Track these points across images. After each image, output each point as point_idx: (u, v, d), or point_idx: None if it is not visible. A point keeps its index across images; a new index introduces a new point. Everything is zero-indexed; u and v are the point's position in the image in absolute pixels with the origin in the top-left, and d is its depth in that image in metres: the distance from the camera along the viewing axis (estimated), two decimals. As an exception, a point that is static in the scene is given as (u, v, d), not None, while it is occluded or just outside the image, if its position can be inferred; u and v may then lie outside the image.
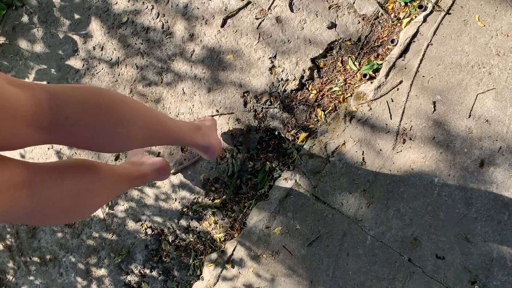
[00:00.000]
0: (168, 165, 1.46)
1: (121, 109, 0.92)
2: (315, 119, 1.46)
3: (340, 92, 1.43)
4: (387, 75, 1.35)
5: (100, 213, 1.77)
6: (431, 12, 1.30)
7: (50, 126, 0.81)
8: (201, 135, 1.33)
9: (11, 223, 0.86)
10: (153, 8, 1.66)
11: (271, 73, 1.50)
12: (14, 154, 1.91)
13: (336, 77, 1.44)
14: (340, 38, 1.43)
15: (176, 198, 1.64)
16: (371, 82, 1.37)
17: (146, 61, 1.67)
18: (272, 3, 1.50)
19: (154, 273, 1.70)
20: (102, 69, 1.74)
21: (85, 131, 0.86)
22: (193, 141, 1.28)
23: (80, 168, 0.95)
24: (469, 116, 1.24)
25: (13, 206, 0.76)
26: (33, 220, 0.90)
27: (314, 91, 1.46)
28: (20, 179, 0.77)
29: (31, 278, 1.93)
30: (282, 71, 1.49)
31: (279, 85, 1.49)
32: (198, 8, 1.59)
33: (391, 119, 1.33)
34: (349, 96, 1.41)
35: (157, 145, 1.17)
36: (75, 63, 1.79)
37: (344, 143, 1.39)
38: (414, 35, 1.32)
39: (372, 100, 1.36)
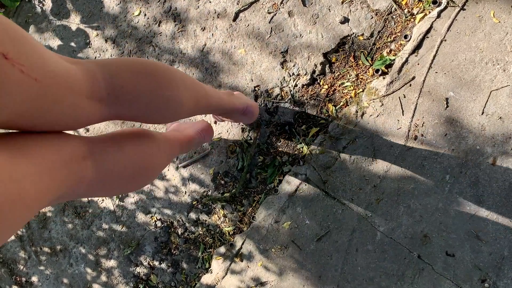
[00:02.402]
0: (210, 125, 1.47)
1: (168, 74, 0.95)
2: (326, 114, 1.45)
3: (352, 88, 1.42)
4: (399, 70, 1.34)
5: (110, 204, 1.78)
6: (446, 7, 1.29)
7: (108, 97, 0.82)
8: (237, 99, 1.35)
9: (78, 197, 0.86)
10: (165, 1, 1.66)
11: (283, 68, 1.50)
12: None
13: (348, 72, 1.43)
14: (353, 33, 1.42)
15: (185, 191, 1.65)
16: (384, 78, 1.36)
17: (158, 54, 1.68)
18: (285, -3, 1.49)
19: (163, 265, 1.71)
20: (114, 61, 1.75)
21: (141, 98, 0.88)
22: (232, 105, 1.30)
23: (136, 134, 0.97)
24: (482, 113, 1.23)
25: (81, 179, 0.76)
26: (101, 191, 0.89)
27: (326, 86, 1.46)
28: (81, 152, 0.77)
29: (42, 268, 1.96)
30: (294, 66, 1.48)
31: (290, 79, 1.49)
32: (210, 2, 1.59)
33: (403, 115, 1.32)
34: (361, 92, 1.41)
35: (203, 113, 1.19)
36: (87, 55, 1.80)
37: (355, 139, 1.38)
38: (428, 31, 1.31)
39: (384, 96, 1.35)
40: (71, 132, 1.11)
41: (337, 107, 1.43)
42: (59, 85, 0.68)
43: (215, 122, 1.60)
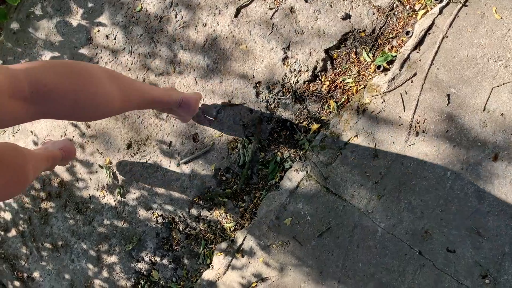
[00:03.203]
0: (72, 145, 1.67)
1: (91, 71, 0.99)
2: (327, 111, 1.45)
3: (354, 84, 1.42)
4: (401, 67, 1.34)
5: (111, 200, 1.79)
6: (447, 4, 1.29)
7: (32, 95, 0.86)
8: (177, 92, 1.40)
9: None
10: (166, -3, 1.66)
11: (284, 64, 1.50)
12: (27, 143, 1.94)
13: (350, 68, 1.43)
14: (354, 29, 1.42)
15: (187, 187, 1.65)
16: (385, 74, 1.36)
17: (159, 50, 1.68)
18: (286, -7, 1.49)
19: (165, 261, 1.71)
20: (115, 57, 1.75)
21: (67, 96, 0.91)
22: (168, 97, 1.32)
23: (13, 147, 1.08)
24: (484, 109, 1.23)
25: None
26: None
27: (327, 83, 1.46)
28: None
29: (43, 263, 1.96)
30: (295, 62, 1.48)
31: (291, 76, 1.49)
32: (211, -2, 1.59)
33: (404, 111, 1.32)
34: (362, 88, 1.41)
35: (140, 108, 1.24)
36: (88, 51, 1.80)
37: (356, 135, 1.38)
38: (430, 27, 1.31)
39: (385, 92, 1.35)
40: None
41: (338, 104, 1.43)
42: None
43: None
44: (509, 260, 1.19)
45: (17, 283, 2.04)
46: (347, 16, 1.42)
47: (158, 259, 1.73)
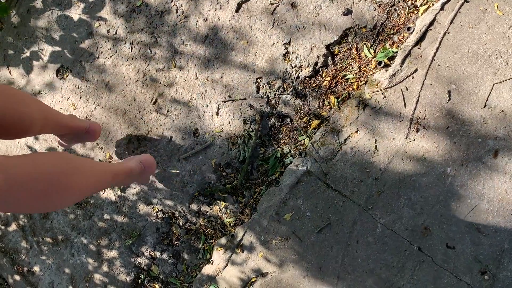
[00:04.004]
0: (152, 158, 1.53)
1: (19, 93, 1.08)
2: (328, 106, 1.45)
3: (354, 80, 1.42)
4: (402, 63, 1.33)
5: (111, 195, 1.79)
6: (449, -1, 1.29)
7: None
8: (81, 120, 1.52)
9: None
10: (167, -8, 1.66)
11: (285, 59, 1.50)
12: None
13: (351, 64, 1.43)
14: (356, 25, 1.42)
15: (187, 182, 1.65)
16: (386, 70, 1.36)
17: (160, 45, 1.67)
18: (288, -12, 1.48)
19: (164, 256, 1.72)
20: (116, 52, 1.74)
21: None
22: (76, 124, 1.46)
23: (57, 156, 1.01)
24: (485, 106, 1.22)
25: None
26: (12, 204, 0.89)
27: (328, 78, 1.45)
28: None
29: (43, 257, 1.97)
30: (296, 57, 1.48)
31: (292, 71, 1.49)
32: (212, -7, 1.59)
33: (405, 107, 1.32)
34: (363, 84, 1.40)
35: (52, 131, 1.35)
36: (89, 46, 1.79)
37: (357, 131, 1.38)
38: (431, 23, 1.31)
39: (386, 88, 1.35)
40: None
41: (339, 99, 1.43)
42: None
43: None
44: (508, 257, 1.19)
45: (17, 277, 2.04)
46: (348, 12, 1.42)
47: (158, 254, 1.73)
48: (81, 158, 1.10)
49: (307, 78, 1.47)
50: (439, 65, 1.28)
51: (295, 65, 1.48)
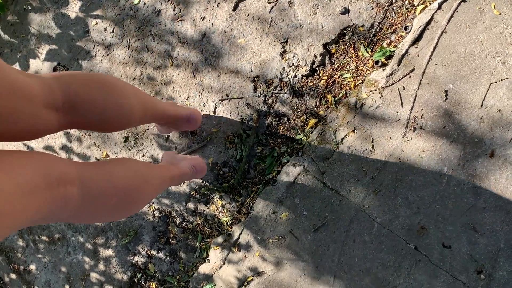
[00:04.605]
0: (203, 162, 1.50)
1: (118, 83, 1.02)
2: (325, 106, 1.45)
3: (351, 79, 1.42)
4: (399, 62, 1.33)
5: (108, 194, 1.78)
6: (446, -1, 1.29)
7: (64, 105, 0.87)
8: (181, 108, 1.43)
9: (61, 221, 0.86)
10: (165, -10, 1.65)
11: (282, 58, 1.49)
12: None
13: (348, 63, 1.43)
14: (353, 24, 1.42)
15: (184, 181, 1.65)
16: (383, 69, 1.36)
17: (157, 43, 1.67)
18: (285, -13, 1.48)
19: (161, 255, 1.72)
20: (113, 50, 1.74)
21: (95, 104, 0.93)
22: (177, 113, 1.37)
23: (127, 165, 0.98)
24: (481, 105, 1.23)
25: (65, 205, 0.77)
26: (85, 218, 0.90)
27: (325, 77, 1.45)
28: (69, 178, 0.77)
29: (40, 256, 1.96)
30: (293, 57, 1.48)
31: (289, 70, 1.49)
32: (210, -9, 1.58)
33: (402, 107, 1.32)
34: (360, 83, 1.40)
35: (151, 121, 1.26)
36: (86, 44, 1.79)
37: (353, 130, 1.38)
38: (428, 23, 1.31)
39: (383, 88, 1.35)
40: (63, 155, 1.14)
41: (336, 99, 1.43)
42: (16, 97, 0.73)
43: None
44: (504, 256, 1.19)
45: (13, 276, 2.04)
46: (345, 11, 1.42)
47: (154, 252, 1.73)
48: (147, 167, 1.09)
49: (304, 77, 1.47)
50: (436, 64, 1.28)
51: (292, 64, 1.48)
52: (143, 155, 1.70)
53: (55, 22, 1.85)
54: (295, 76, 1.48)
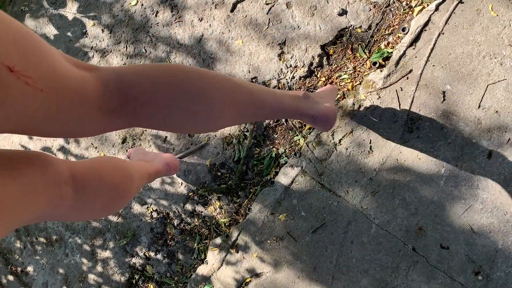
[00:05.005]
0: (176, 159, 1.51)
1: (195, 85, 0.82)
2: (323, 107, 1.45)
3: (349, 80, 1.42)
4: (397, 63, 1.34)
5: (106, 195, 1.78)
6: (444, 0, 1.29)
7: (121, 108, 0.75)
8: (307, 103, 1.14)
9: (55, 219, 0.86)
10: (162, -9, 1.65)
11: (280, 59, 1.49)
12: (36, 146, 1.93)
13: (346, 64, 1.43)
14: (351, 25, 1.42)
15: (182, 182, 1.65)
16: (381, 71, 1.36)
17: (155, 44, 1.67)
18: (283, -12, 1.48)
19: (159, 256, 1.71)
20: (111, 51, 1.74)
21: (158, 112, 0.79)
22: (296, 110, 1.10)
23: (115, 166, 0.97)
24: (479, 106, 1.23)
25: (60, 203, 0.76)
26: (76, 216, 0.90)
27: (323, 78, 1.45)
28: (63, 177, 0.77)
29: (37, 258, 1.96)
30: (291, 58, 1.48)
31: (287, 71, 1.49)
32: (208, -8, 1.58)
33: (399, 108, 1.32)
34: (358, 84, 1.40)
35: (254, 120, 1.05)
36: (83, 44, 1.79)
37: (351, 131, 1.38)
38: (426, 24, 1.31)
39: (381, 89, 1.35)
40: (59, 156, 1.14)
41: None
42: (67, 96, 0.65)
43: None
44: (502, 257, 1.20)
45: (10, 277, 2.03)
46: (343, 12, 1.42)
47: (152, 254, 1.72)
48: (133, 165, 1.09)
49: (302, 78, 1.47)
50: (433, 65, 1.29)
51: (290, 65, 1.48)
52: (141, 156, 1.70)
53: (52, 23, 1.84)
54: (293, 77, 1.48)
